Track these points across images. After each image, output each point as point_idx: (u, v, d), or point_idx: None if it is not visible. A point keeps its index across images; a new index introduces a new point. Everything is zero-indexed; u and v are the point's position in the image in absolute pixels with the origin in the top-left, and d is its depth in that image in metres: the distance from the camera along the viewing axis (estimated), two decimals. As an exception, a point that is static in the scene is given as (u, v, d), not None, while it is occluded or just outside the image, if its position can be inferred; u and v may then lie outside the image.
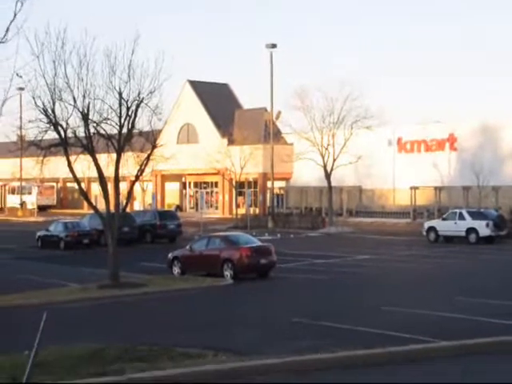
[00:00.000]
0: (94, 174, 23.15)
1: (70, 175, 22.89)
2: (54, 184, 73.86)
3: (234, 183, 54.94)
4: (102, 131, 22.31)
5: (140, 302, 20.11)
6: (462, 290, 20.79)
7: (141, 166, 23.11)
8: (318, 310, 17.89)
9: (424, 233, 37.79)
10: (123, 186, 73.81)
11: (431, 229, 37.42)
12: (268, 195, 57.49)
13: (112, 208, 23.22)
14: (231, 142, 58.63)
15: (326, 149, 47.08)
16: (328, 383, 10.51)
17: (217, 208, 64.40)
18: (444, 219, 37.48)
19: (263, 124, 58.74)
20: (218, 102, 64.02)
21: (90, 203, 24.36)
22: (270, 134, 51.87)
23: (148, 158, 23.16)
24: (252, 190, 60.10)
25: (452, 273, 25.69)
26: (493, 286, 21.72)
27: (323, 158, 47.13)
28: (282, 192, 61.42)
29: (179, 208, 67.88)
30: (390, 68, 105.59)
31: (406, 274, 25.67)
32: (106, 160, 23.79)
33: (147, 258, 31.87)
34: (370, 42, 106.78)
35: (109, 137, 22.23)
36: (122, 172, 23.29)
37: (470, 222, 35.87)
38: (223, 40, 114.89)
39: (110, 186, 24.05)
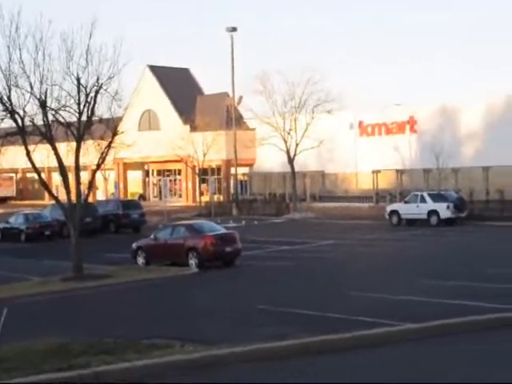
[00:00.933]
0: (54, 163, 22.72)
1: (30, 165, 22.44)
2: (13, 174, 72.55)
3: (197, 170, 54.64)
4: (60, 119, 21.86)
5: (104, 294, 19.87)
6: (426, 272, 21.00)
7: (102, 154, 22.73)
8: (284, 296, 17.90)
9: (387, 216, 38.10)
10: (84, 176, 72.69)
11: (393, 212, 37.76)
12: (232, 182, 57.35)
13: (73, 198, 22.86)
14: (193, 129, 58.22)
15: (289, 133, 47.11)
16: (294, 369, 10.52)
17: (180, 196, 64.05)
18: (406, 202, 37.84)
19: (225, 109, 58.44)
20: (179, 87, 63.47)
21: (50, 193, 23.95)
22: (232, 119, 51.61)
23: (109, 146, 22.81)
24: (216, 176, 59.90)
25: (415, 256, 25.95)
26: (454, 267, 22.00)
27: (286, 142, 47.16)
28: (246, 178, 61.35)
29: (142, 197, 67.27)
30: (350, 51, 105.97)
31: (371, 258, 25.85)
32: (66, 149, 23.35)
33: (111, 248, 31.55)
34: (331, 24, 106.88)
35: (68, 124, 21.79)
36: (82, 161, 22.92)
37: (431, 205, 36.27)
38: (183, 24, 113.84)
39: (71, 176, 23.65)
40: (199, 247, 23.74)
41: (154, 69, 64.22)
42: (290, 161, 47.45)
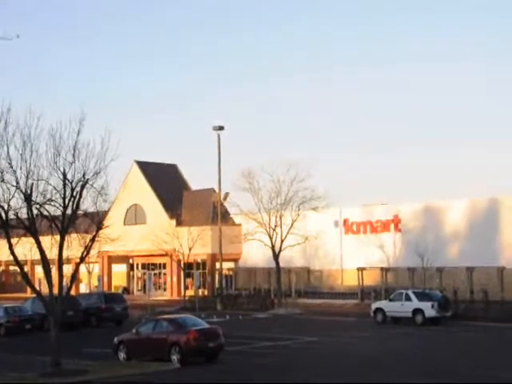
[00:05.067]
0: (38, 256, 22.59)
1: (12, 258, 22.32)
2: (-4, 267, 71.84)
3: (182, 264, 54.50)
4: (45, 212, 21.94)
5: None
6: (404, 372, 20.86)
7: (85, 247, 22.72)
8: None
9: (372, 314, 37.90)
10: (68, 269, 71.87)
11: (378, 310, 37.58)
12: (217, 276, 57.11)
13: (56, 291, 22.65)
14: (179, 223, 58.50)
15: (274, 230, 47.46)
16: None
17: (165, 290, 63.50)
18: (391, 300, 37.73)
19: (211, 205, 58.96)
20: (165, 182, 64.23)
21: (31, 287, 23.65)
22: (218, 215, 51.99)
23: (93, 240, 22.85)
24: (201, 271, 59.72)
25: (395, 355, 25.67)
26: (434, 367, 21.86)
27: (271, 238, 47.43)
28: (231, 273, 61.20)
29: (126, 290, 66.64)
30: (335, 148, 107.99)
31: (351, 356, 25.45)
32: (50, 242, 23.31)
33: (92, 342, 31.03)
34: (316, 122, 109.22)
35: (52, 218, 21.87)
36: (66, 254, 22.88)
37: (416, 303, 36.18)
38: (171, 121, 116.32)
39: (54, 269, 23.53)
40: (182, 342, 23.41)
41: (141, 164, 65.16)
42: (275, 257, 47.56)
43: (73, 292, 65.23)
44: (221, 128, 50.39)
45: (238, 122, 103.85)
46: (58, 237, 22.37)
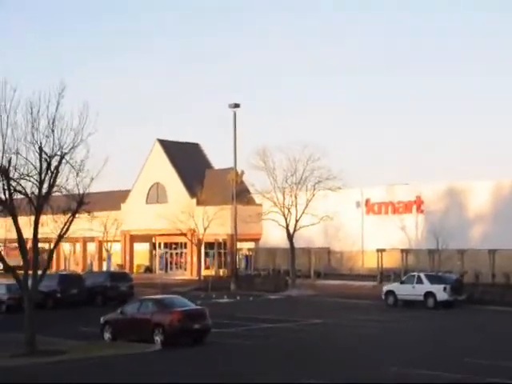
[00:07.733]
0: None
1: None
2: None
3: (200, 244, 53.81)
4: (22, 189, 21.19)
5: (44, 375, 18.58)
6: (401, 359, 19.72)
7: (65, 224, 22.04)
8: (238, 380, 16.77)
9: (383, 296, 36.63)
10: (91, 247, 71.29)
11: (390, 292, 36.29)
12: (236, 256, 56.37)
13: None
14: (200, 202, 57.82)
15: (289, 210, 46.36)
16: None
17: (185, 269, 63.09)
18: (402, 283, 36.38)
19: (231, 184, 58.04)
20: (188, 161, 63.55)
21: (5, 264, 23.03)
22: (233, 194, 51.04)
23: (73, 216, 22.11)
24: (222, 250, 59.03)
25: (397, 341, 24.52)
26: (433, 355, 20.62)
27: (286, 218, 46.37)
28: (251, 253, 60.37)
29: (149, 269, 66.54)
30: (354, 128, 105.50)
31: (350, 340, 24.45)
32: (29, 220, 22.59)
33: (91, 321, 30.44)
34: (334, 104, 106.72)
35: (28, 195, 21.14)
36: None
37: (427, 286, 34.78)
38: (194, 100, 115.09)
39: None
40: (165, 323, 22.63)
41: (164, 143, 64.52)
42: (290, 236, 46.52)
43: (96, 269, 65.62)
44: (236, 106, 49.28)
45: (258, 101, 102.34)
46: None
